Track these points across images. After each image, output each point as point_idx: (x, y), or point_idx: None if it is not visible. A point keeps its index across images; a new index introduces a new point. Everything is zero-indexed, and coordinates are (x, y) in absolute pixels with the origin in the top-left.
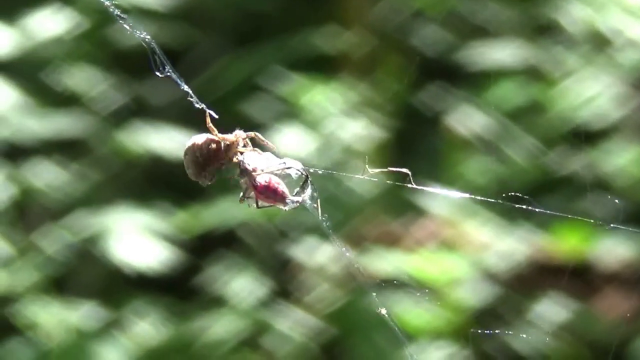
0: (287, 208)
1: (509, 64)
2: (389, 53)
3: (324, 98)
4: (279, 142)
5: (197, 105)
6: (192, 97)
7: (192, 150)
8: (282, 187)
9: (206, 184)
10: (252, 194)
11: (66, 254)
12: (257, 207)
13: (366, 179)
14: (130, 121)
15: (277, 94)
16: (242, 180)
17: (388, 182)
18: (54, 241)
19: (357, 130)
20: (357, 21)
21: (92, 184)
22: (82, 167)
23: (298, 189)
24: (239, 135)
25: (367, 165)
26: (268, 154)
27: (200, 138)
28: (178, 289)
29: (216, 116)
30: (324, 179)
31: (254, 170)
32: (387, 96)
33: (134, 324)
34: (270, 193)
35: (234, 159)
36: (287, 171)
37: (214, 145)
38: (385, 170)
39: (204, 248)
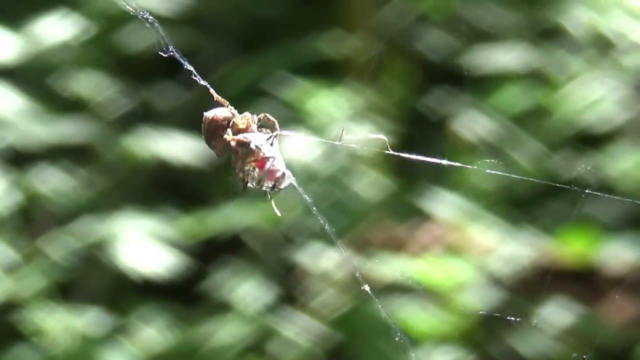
0: (271, 187)
1: (514, 68)
2: (393, 58)
3: (329, 103)
4: (284, 147)
5: (201, 82)
6: (195, 75)
7: (204, 120)
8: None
9: (218, 155)
10: (253, 175)
11: (72, 259)
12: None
13: (344, 145)
14: (137, 127)
15: (282, 99)
16: (246, 161)
17: (365, 147)
18: (59, 247)
19: (362, 135)
20: (362, 26)
21: (98, 190)
22: (89, 172)
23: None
24: (247, 116)
25: (342, 132)
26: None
27: (213, 111)
28: (184, 295)
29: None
30: (329, 185)
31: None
32: (392, 101)
33: (140, 330)
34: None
35: (236, 138)
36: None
37: (219, 118)
38: (362, 138)
39: (209, 253)
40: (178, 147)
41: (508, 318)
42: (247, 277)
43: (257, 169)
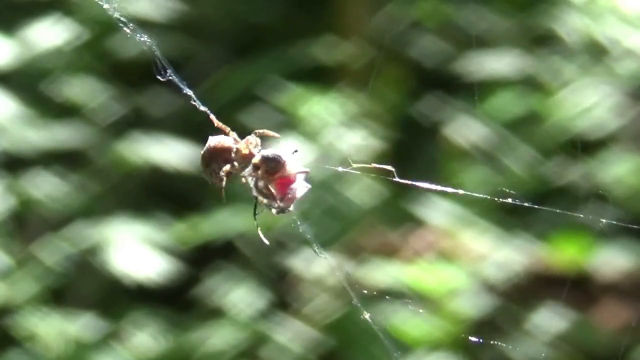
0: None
1: (507, 74)
2: (387, 64)
3: (322, 109)
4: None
5: (200, 108)
6: (195, 100)
7: (207, 147)
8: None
9: (214, 183)
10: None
11: (65, 265)
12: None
13: (350, 171)
14: (129, 132)
15: (275, 104)
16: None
17: (372, 175)
18: (53, 252)
19: (355, 141)
20: (355, 32)
21: (91, 195)
22: (82, 178)
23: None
24: (249, 140)
25: (350, 159)
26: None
27: (214, 138)
28: (177, 300)
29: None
30: (322, 190)
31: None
32: (386, 107)
33: (133, 335)
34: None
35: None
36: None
37: (221, 145)
38: (369, 166)
39: (202, 259)
40: (171, 153)
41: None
42: (239, 283)
43: (277, 189)
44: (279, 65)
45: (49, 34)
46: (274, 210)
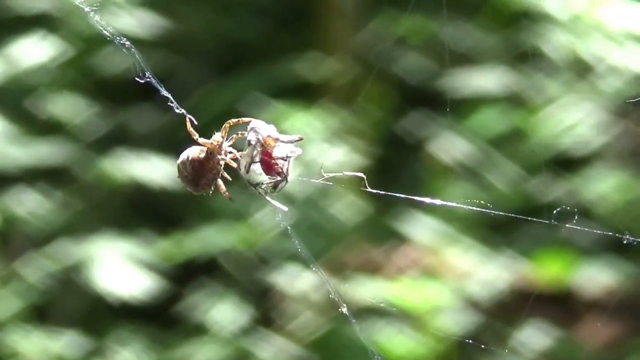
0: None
1: (491, 91)
2: (371, 80)
3: (305, 125)
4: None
5: (177, 111)
6: (172, 102)
7: (181, 169)
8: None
9: (209, 192)
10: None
11: (48, 282)
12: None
13: (322, 183)
14: (114, 149)
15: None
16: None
17: (342, 186)
18: (36, 269)
19: (338, 157)
20: (339, 48)
21: (75, 212)
22: (65, 195)
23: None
24: (216, 139)
25: (322, 169)
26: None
27: (183, 155)
28: (160, 317)
29: (195, 122)
30: (306, 207)
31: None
32: (369, 123)
33: (116, 353)
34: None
35: (221, 163)
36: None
37: (197, 160)
38: (340, 174)
39: (185, 276)
40: (155, 170)
41: (483, 346)
42: (223, 300)
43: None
44: (263, 82)
45: (34, 50)
46: (269, 185)
